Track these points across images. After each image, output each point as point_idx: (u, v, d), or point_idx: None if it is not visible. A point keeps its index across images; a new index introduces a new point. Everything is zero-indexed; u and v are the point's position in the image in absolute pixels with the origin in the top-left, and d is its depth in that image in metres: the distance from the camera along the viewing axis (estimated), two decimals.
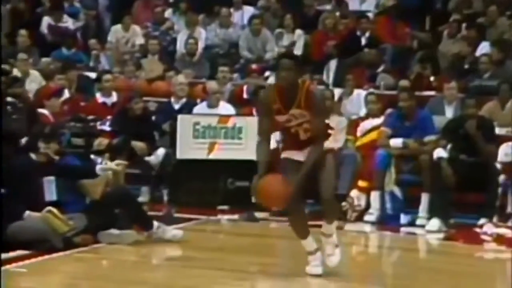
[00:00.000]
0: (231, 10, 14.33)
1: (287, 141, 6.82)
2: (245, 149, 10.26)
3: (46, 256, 7.29)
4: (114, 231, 7.89)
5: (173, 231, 8.12)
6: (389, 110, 10.67)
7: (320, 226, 6.93)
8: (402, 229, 9.64)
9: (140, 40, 14.15)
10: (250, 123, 10.12)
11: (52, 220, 7.61)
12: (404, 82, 11.84)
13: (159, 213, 9.43)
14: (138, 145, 10.60)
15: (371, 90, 11.93)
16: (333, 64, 13.06)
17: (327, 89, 11.46)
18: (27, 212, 7.66)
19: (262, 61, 13.45)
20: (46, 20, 14.33)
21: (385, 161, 9.94)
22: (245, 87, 11.92)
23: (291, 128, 6.67)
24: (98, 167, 7.97)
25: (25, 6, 14.82)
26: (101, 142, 9.92)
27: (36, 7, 14.96)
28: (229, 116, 10.75)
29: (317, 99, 6.69)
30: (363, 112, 11.22)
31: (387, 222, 9.85)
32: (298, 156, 6.72)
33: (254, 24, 13.71)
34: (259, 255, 7.74)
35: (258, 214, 9.61)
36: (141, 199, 10.22)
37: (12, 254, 7.25)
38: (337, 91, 11.80)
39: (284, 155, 6.80)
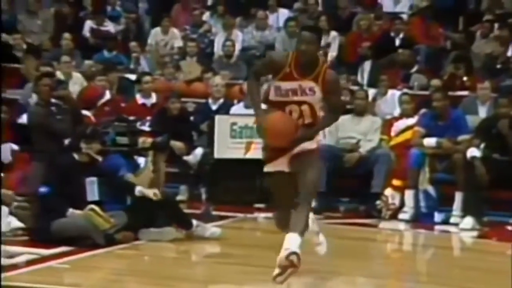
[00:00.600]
0: (267, 12, 14.32)
1: None
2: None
3: (89, 253, 7.33)
4: (154, 229, 7.92)
5: (211, 228, 8.13)
6: (423, 110, 10.60)
7: (356, 224, 6.89)
8: (436, 227, 9.58)
9: (178, 43, 14.19)
10: None
11: (94, 218, 7.65)
12: (437, 82, 11.76)
13: (198, 211, 9.46)
14: (177, 144, 10.64)
15: (405, 90, 11.85)
16: (367, 65, 13.01)
17: (362, 89, 11.43)
18: (70, 210, 7.71)
19: None
20: (89, 24, 14.41)
21: (419, 160, 9.88)
22: None
23: (287, 105, 6.10)
24: (136, 190, 7.99)
25: (69, 10, 14.91)
26: (145, 140, 9.96)
27: (79, 11, 15.04)
28: None
29: (335, 78, 6.25)
30: (397, 112, 11.15)
31: (421, 220, 9.79)
32: (283, 165, 6.22)
33: (289, 26, 13.70)
34: None
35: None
36: (180, 197, 10.26)
37: (55, 250, 7.30)
38: (371, 92, 11.75)
39: (267, 168, 6.30)
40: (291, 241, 5.95)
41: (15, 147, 9.30)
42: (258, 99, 6.18)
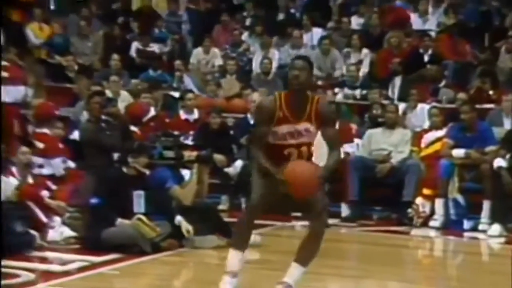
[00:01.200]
0: (302, 32, 14.33)
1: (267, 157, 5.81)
2: (317, 161, 10.19)
3: (136, 259, 7.37)
4: (197, 237, 7.95)
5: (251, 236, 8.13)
6: (451, 123, 10.54)
7: (389, 231, 6.83)
8: (465, 234, 9.50)
9: (219, 61, 14.24)
10: (318, 136, 10.06)
11: (141, 227, 7.69)
12: (464, 96, 11.68)
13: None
14: (218, 157, 10.67)
15: (434, 104, 11.79)
16: (397, 80, 12.94)
17: (392, 103, 11.38)
18: (119, 220, 7.76)
19: (331, 78, 13.41)
20: (135, 45, 14.51)
21: (448, 170, 9.81)
22: None
23: (285, 148, 5.78)
24: (176, 220, 8.02)
25: (117, 33, 15.02)
26: (190, 154, 9.98)
27: (126, 34, 15.15)
28: None
29: (329, 109, 5.89)
30: (426, 124, 11.09)
31: (451, 227, 9.71)
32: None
33: (323, 44, 13.69)
34: (331, 258, 7.68)
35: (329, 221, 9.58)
36: (221, 207, 10.28)
37: (105, 257, 7.35)
38: (402, 105, 11.70)
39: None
40: (292, 273, 5.87)
41: (69, 162, 9.38)
42: (267, 161, 5.79)
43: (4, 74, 10.64)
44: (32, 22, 14.13)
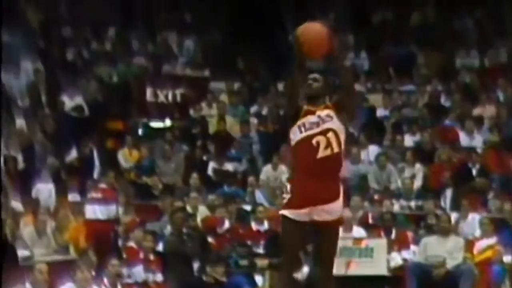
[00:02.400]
0: (359, 148, 14.33)
1: (298, 169, 5.23)
2: (376, 266, 10.06)
3: None
4: None
5: None
6: (501, 231, 10.32)
7: None
8: None
9: (286, 177, 14.27)
10: (379, 244, 9.97)
11: None
12: (511, 206, 11.45)
13: None
14: None
15: (484, 214, 11.58)
16: (449, 192, 12.77)
17: (445, 213, 11.22)
18: None
19: (388, 191, 13.31)
20: (212, 165, 14.67)
21: (500, 275, 9.56)
22: (370, 214, 11.84)
23: (313, 138, 5.17)
24: None
25: (196, 154, 15.20)
26: (262, 262, 9.94)
27: (204, 154, 15.35)
28: (361, 239, 10.63)
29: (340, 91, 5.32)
30: (478, 233, 10.87)
31: None
32: (304, 216, 5.15)
33: (380, 160, 13.64)
34: None
35: None
36: None
37: None
38: (454, 215, 11.50)
39: (286, 211, 5.19)
40: None
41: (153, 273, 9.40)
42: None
43: (99, 195, 10.88)
44: (123, 148, 14.43)
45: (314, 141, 5.16)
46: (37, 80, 14.98)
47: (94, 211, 11.24)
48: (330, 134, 5.18)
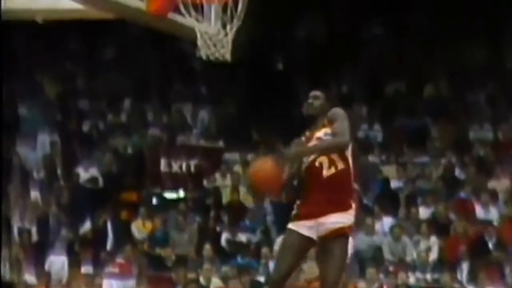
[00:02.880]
0: (374, 220, 14.18)
1: (306, 189, 5.23)
2: None
3: None
4: None
5: None
6: None
7: None
8: None
9: None
10: None
11: None
12: None
13: None
14: None
15: (502, 287, 11.36)
16: (465, 265, 12.57)
17: (462, 286, 11.01)
18: None
19: (403, 263, 13.12)
20: (225, 235, 14.55)
21: None
22: (385, 286, 11.64)
23: (316, 160, 5.15)
24: None
25: (210, 224, 15.10)
26: None
27: (217, 225, 15.24)
28: None
29: (339, 113, 5.22)
30: None
31: None
32: (309, 229, 5.15)
33: (394, 232, 13.49)
34: None
35: None
36: None
37: None
38: None
39: (292, 225, 5.26)
40: None
41: None
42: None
43: (116, 269, 10.78)
44: (137, 219, 14.36)
45: (317, 163, 5.15)
46: (53, 152, 15.03)
47: (111, 286, 11.15)
48: (331, 155, 5.15)
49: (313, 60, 16.21)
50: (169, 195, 15.63)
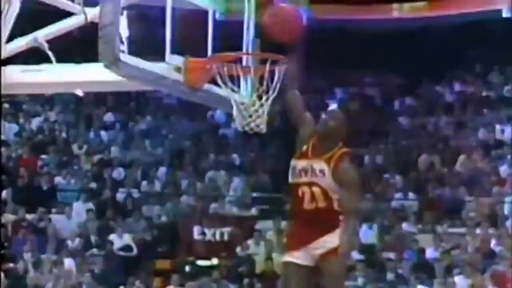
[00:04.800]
0: None
1: (291, 215, 5.13)
2: None
3: None
4: None
5: None
6: None
7: None
8: None
9: None
10: None
11: None
12: None
13: None
14: None
15: None
16: None
17: None
18: None
19: None
20: None
21: None
22: None
23: (299, 187, 4.96)
24: None
25: None
26: None
27: None
28: None
29: (350, 172, 4.94)
30: None
31: None
32: (302, 257, 4.98)
33: None
34: None
35: None
36: None
37: None
38: None
39: (285, 257, 5.07)
40: None
41: None
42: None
43: None
44: (169, 287, 14.16)
45: (300, 191, 4.97)
46: (88, 220, 15.02)
47: None
48: (316, 189, 4.94)
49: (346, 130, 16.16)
50: (202, 263, 15.48)
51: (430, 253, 14.45)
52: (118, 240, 14.76)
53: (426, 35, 16.91)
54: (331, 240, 4.97)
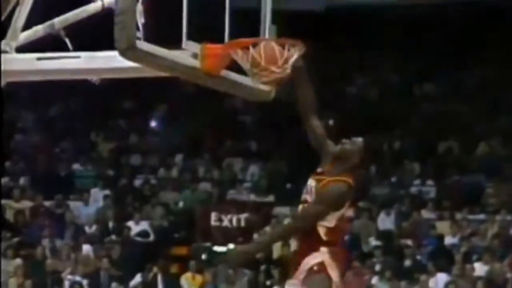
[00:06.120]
0: (428, 277, 13.77)
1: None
2: None
3: None
4: None
5: None
6: None
7: None
8: None
9: None
10: None
11: None
12: None
13: None
14: None
15: None
16: None
17: None
18: None
19: None
20: None
21: None
22: None
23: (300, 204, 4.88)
24: None
25: (260, 279, 14.86)
26: None
27: (268, 279, 14.98)
28: None
29: (332, 190, 4.69)
30: None
31: None
32: (296, 285, 4.78)
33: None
34: None
35: None
36: None
37: None
38: None
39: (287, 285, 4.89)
40: None
41: None
42: None
43: None
44: (187, 274, 14.24)
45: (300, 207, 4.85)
46: (106, 207, 15.09)
47: None
48: (301, 207, 4.83)
49: (365, 117, 16.08)
50: (219, 249, 15.52)
51: (448, 239, 14.39)
52: (136, 226, 14.82)
53: (446, 20, 16.78)
54: (316, 258, 4.78)
